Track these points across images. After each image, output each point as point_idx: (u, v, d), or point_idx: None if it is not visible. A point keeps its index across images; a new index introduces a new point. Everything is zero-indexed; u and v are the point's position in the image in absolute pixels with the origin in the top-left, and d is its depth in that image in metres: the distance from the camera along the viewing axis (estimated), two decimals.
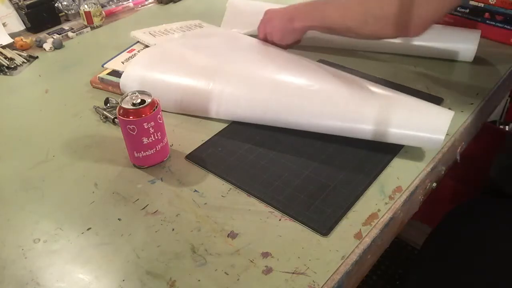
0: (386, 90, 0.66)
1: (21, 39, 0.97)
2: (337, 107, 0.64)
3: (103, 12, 1.08)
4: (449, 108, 0.73)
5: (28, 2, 1.03)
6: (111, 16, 1.13)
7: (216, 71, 0.73)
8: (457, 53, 0.85)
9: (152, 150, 0.62)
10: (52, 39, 0.98)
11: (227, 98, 0.69)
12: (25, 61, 0.93)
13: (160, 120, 0.61)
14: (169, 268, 0.50)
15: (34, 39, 0.99)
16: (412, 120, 0.62)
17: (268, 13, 0.82)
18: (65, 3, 1.08)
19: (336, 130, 0.65)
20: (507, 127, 1.37)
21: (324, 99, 0.65)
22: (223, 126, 0.71)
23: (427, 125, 0.61)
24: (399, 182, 0.60)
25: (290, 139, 0.67)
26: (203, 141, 0.68)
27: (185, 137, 0.69)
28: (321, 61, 0.87)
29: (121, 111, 0.58)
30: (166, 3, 1.19)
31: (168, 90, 0.72)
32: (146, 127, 0.59)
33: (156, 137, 0.61)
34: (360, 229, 0.54)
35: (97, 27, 1.07)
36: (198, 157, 0.65)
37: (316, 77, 0.69)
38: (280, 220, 0.55)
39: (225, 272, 0.49)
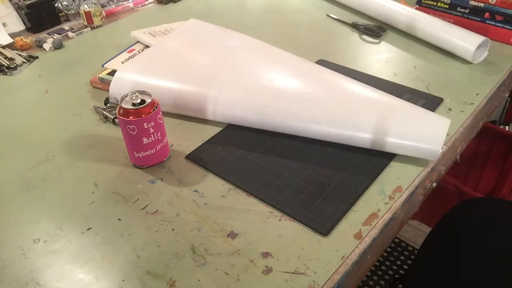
0: (383, 96, 0.66)
1: (21, 39, 0.97)
2: (334, 115, 0.64)
3: (103, 12, 1.08)
4: (449, 109, 0.73)
5: (28, 2, 1.03)
6: (111, 16, 1.13)
7: (212, 75, 0.73)
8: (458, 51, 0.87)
9: (152, 150, 0.62)
10: (52, 39, 0.98)
11: (223, 103, 0.69)
12: (25, 61, 0.93)
13: (160, 120, 0.61)
14: (169, 268, 0.50)
15: (34, 39, 0.99)
16: (410, 131, 0.61)
17: None
18: (65, 3, 1.08)
19: (333, 137, 0.64)
20: (507, 127, 1.37)
21: (321, 106, 0.65)
22: (223, 126, 0.71)
23: (424, 136, 0.61)
24: (399, 182, 0.60)
25: (290, 140, 0.67)
26: (203, 141, 0.68)
27: (185, 137, 0.69)
28: (321, 61, 0.87)
29: (121, 111, 0.58)
30: (166, 3, 1.19)
31: (162, 95, 0.71)
32: (146, 127, 0.59)
33: (156, 137, 0.61)
34: (360, 229, 0.54)
35: (97, 27, 1.07)
36: (198, 157, 0.65)
37: (314, 83, 0.69)
38: (280, 220, 0.55)
39: (225, 272, 0.49)
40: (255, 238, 0.53)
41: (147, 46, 0.91)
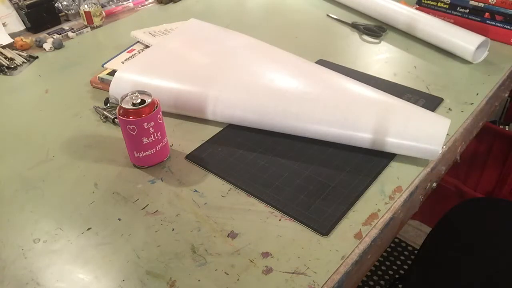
0: (383, 96, 0.66)
1: (21, 39, 0.97)
2: (334, 115, 0.64)
3: (103, 12, 1.08)
4: (449, 109, 0.73)
5: (28, 2, 1.03)
6: (111, 16, 1.13)
7: (212, 75, 0.73)
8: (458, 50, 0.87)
9: (152, 150, 0.62)
10: (52, 39, 0.98)
11: (223, 103, 0.69)
12: (25, 61, 0.93)
13: (160, 120, 0.61)
14: (169, 268, 0.50)
15: (34, 39, 0.99)
16: (410, 131, 0.61)
17: None
18: (65, 3, 1.08)
19: (333, 137, 0.64)
20: (507, 127, 1.37)
21: (321, 106, 0.65)
22: (223, 126, 0.71)
23: (424, 136, 0.61)
24: (399, 182, 0.60)
25: (290, 140, 0.67)
26: (203, 141, 0.68)
27: (185, 137, 0.69)
28: (321, 61, 0.87)
29: (121, 111, 0.58)
30: (166, 3, 1.19)
31: (162, 95, 0.71)
32: (146, 127, 0.59)
33: (156, 137, 0.61)
34: (360, 229, 0.54)
35: (97, 27, 1.07)
36: (198, 157, 0.65)
37: (315, 83, 0.69)
38: (280, 220, 0.55)
39: (225, 272, 0.49)
40: (255, 238, 0.53)
41: (147, 46, 0.91)
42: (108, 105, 0.76)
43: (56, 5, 1.07)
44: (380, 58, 0.89)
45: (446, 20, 0.95)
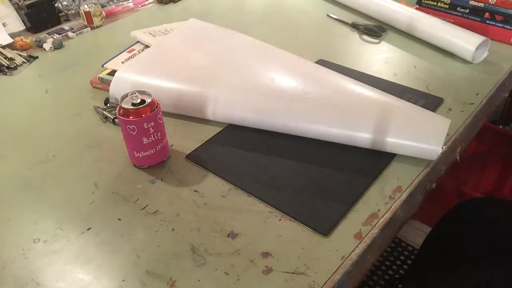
0: (383, 96, 0.66)
1: (21, 39, 0.97)
2: (334, 115, 0.64)
3: (103, 12, 1.08)
4: (449, 109, 0.73)
5: (28, 2, 1.03)
6: (111, 16, 1.13)
7: (212, 75, 0.73)
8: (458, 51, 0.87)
9: (152, 150, 0.62)
10: (52, 39, 0.98)
11: (223, 103, 0.69)
12: (25, 61, 0.93)
13: (160, 120, 0.61)
14: (169, 268, 0.50)
15: (34, 39, 0.99)
16: (410, 131, 0.61)
17: None
18: (65, 3, 1.08)
19: (333, 137, 0.64)
20: (507, 127, 1.37)
21: (321, 106, 0.65)
22: (223, 126, 0.71)
23: (424, 136, 0.60)
24: (399, 182, 0.60)
25: (290, 140, 0.67)
26: (203, 141, 0.68)
27: (185, 137, 0.69)
28: (321, 61, 0.87)
29: (121, 111, 0.58)
30: (166, 3, 1.19)
31: (162, 95, 0.71)
32: (146, 127, 0.59)
33: (156, 137, 0.61)
34: (360, 229, 0.54)
35: (97, 27, 1.07)
36: (198, 157, 0.65)
37: (314, 83, 0.69)
38: (280, 220, 0.55)
39: (225, 272, 0.49)
40: (255, 238, 0.53)
41: (147, 46, 0.91)
42: (108, 105, 0.76)
43: (56, 5, 1.07)
44: (380, 58, 0.89)
45: (446, 20, 0.95)
